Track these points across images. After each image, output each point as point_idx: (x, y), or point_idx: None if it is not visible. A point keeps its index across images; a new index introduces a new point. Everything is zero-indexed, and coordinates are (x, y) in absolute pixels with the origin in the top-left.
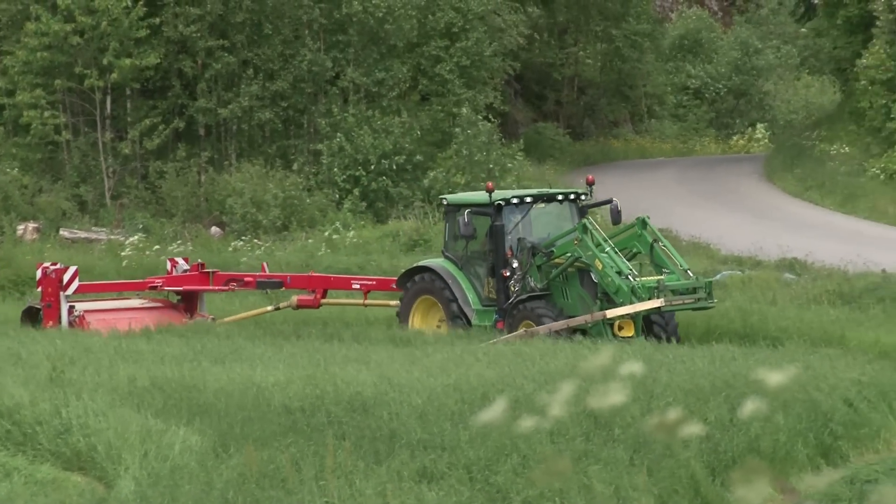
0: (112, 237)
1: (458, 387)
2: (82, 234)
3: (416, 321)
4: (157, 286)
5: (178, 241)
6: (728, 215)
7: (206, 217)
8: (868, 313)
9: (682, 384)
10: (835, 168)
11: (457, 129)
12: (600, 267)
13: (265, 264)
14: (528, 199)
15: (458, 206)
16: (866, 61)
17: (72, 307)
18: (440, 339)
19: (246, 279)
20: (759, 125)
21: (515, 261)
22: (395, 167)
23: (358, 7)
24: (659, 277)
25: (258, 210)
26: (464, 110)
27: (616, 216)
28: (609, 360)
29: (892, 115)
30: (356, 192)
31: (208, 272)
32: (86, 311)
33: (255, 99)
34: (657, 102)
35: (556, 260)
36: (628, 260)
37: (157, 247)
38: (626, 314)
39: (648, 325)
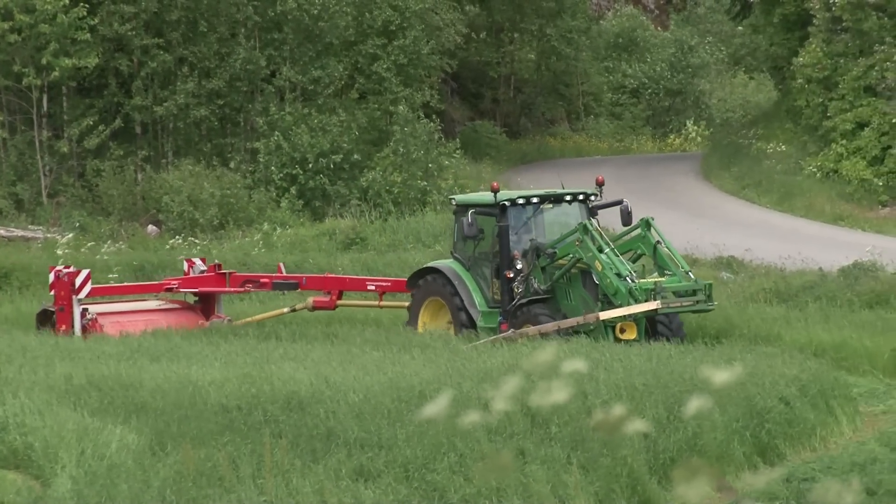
0: (49, 235)
1: (395, 385)
2: (19, 233)
3: (424, 322)
4: (173, 288)
5: (119, 242)
6: (665, 213)
7: (143, 215)
8: (805, 311)
9: (618, 382)
10: (771, 166)
11: (395, 128)
12: (600, 268)
13: (281, 265)
14: (534, 200)
15: (467, 207)
16: (803, 60)
17: (85, 310)
18: (376, 337)
19: (262, 280)
20: (689, 122)
21: (521, 262)
22: (332, 166)
23: (292, 4)
24: (657, 279)
25: (195, 208)
26: (400, 108)
27: (626, 217)
28: (552, 357)
29: (828, 114)
30: (293, 190)
31: (224, 273)
32: (99, 314)
33: (190, 97)
34: (593, 100)
35: (560, 261)
36: (633, 261)
37: (91, 244)
38: (622, 316)
39: (654, 327)
